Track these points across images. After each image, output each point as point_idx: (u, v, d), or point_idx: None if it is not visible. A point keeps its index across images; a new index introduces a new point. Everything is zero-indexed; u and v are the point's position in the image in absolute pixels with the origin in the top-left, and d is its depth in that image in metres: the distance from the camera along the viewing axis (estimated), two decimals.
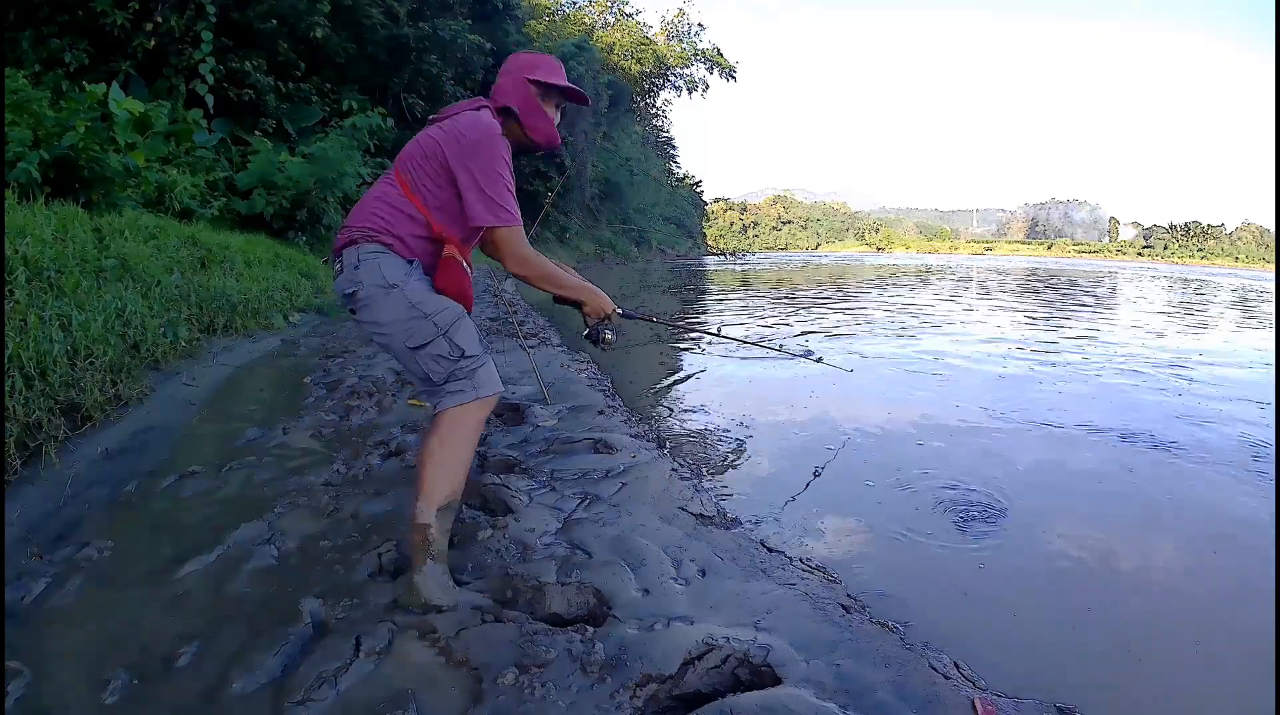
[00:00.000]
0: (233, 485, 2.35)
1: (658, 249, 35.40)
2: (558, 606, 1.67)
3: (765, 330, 7.68)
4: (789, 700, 1.33)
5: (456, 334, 1.66)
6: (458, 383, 1.66)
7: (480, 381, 1.67)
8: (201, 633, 1.51)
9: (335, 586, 1.70)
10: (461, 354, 1.65)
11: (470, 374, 1.66)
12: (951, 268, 33.17)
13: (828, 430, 3.66)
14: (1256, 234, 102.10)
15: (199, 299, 4.62)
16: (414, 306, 1.64)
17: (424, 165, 1.67)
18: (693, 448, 3.29)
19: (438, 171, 1.66)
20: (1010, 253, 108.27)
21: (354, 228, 1.69)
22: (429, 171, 1.67)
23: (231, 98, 10.45)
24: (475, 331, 1.72)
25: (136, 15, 9.16)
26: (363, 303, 1.66)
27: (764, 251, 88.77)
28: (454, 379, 1.66)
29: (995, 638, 1.82)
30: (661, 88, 40.47)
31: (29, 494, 2.18)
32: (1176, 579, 2.20)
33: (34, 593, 1.66)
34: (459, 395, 1.65)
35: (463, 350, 1.65)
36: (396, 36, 13.22)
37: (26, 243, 3.73)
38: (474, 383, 1.66)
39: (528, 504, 2.23)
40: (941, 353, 6.23)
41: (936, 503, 2.67)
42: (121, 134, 6.94)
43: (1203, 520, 2.64)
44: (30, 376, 2.59)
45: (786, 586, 1.81)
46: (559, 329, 6.96)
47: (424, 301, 1.65)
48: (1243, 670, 1.72)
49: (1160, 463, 3.26)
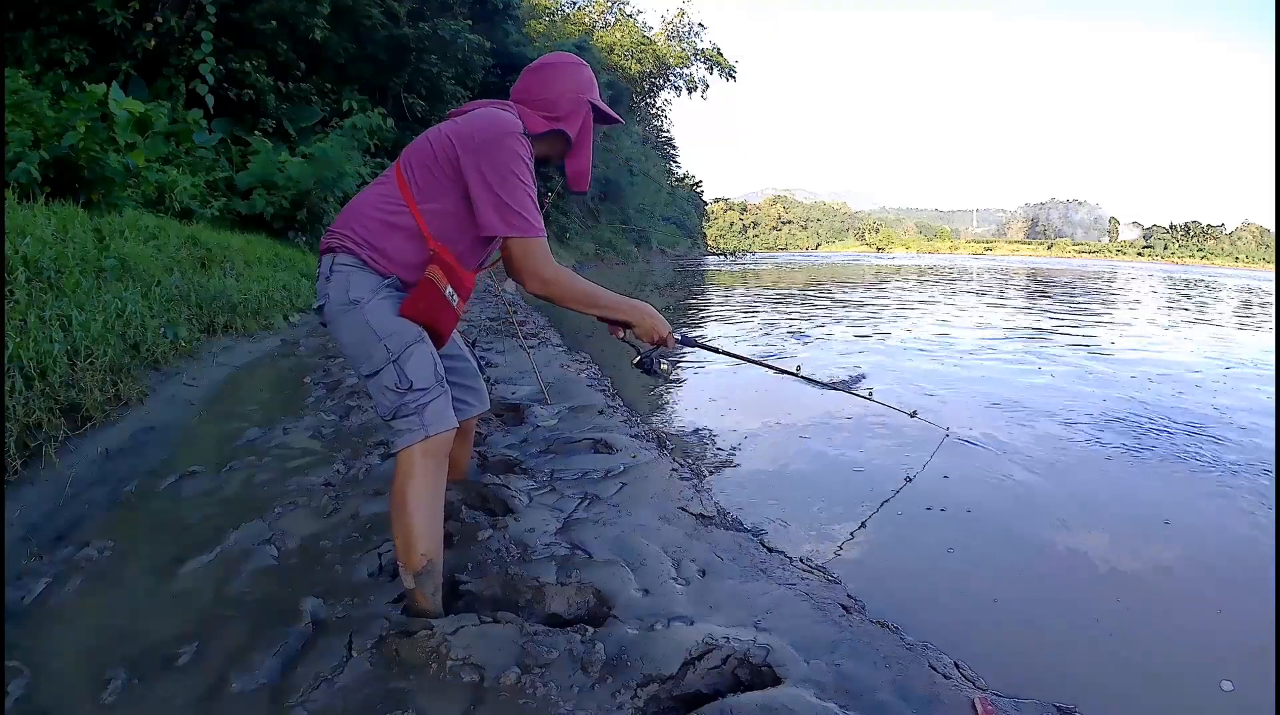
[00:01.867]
0: (233, 485, 2.34)
1: (658, 249, 35.41)
2: (558, 606, 1.67)
3: (816, 355, 7.05)
4: (789, 700, 1.33)
5: (408, 362, 1.47)
6: (405, 420, 1.47)
7: (429, 419, 1.47)
8: (201, 632, 1.50)
9: (335, 586, 1.70)
10: (409, 387, 1.46)
11: (419, 410, 1.47)
12: (965, 268, 33.09)
13: (828, 430, 3.65)
14: (1256, 234, 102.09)
15: (199, 299, 4.62)
16: (370, 327, 1.47)
17: (432, 167, 1.50)
18: (693, 448, 3.29)
19: (446, 174, 1.49)
20: (1010, 253, 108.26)
21: (335, 233, 1.54)
22: (437, 173, 1.49)
23: (231, 98, 10.45)
24: (434, 361, 1.52)
25: (136, 15, 9.16)
26: (328, 318, 1.53)
27: (764, 251, 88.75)
28: (401, 415, 1.48)
29: (995, 637, 1.82)
30: (661, 88, 40.48)
31: (29, 494, 2.18)
32: (1177, 578, 2.20)
33: (34, 593, 1.66)
34: (408, 435, 1.47)
35: (411, 382, 1.46)
36: (396, 36, 13.23)
37: (26, 243, 3.72)
38: (423, 420, 1.46)
39: (528, 504, 2.23)
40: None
41: (937, 502, 2.67)
42: (121, 134, 6.93)
43: (1212, 525, 2.64)
44: (30, 376, 2.59)
45: (786, 586, 1.81)
46: (559, 329, 6.96)
47: (381, 323, 1.48)
48: (1243, 670, 1.72)
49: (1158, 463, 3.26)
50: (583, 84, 1.61)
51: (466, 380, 1.88)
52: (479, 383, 1.92)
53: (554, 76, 1.60)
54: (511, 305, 7.91)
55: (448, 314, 1.54)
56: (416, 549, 1.48)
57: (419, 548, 1.48)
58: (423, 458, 1.47)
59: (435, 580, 1.51)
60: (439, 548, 1.52)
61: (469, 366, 1.90)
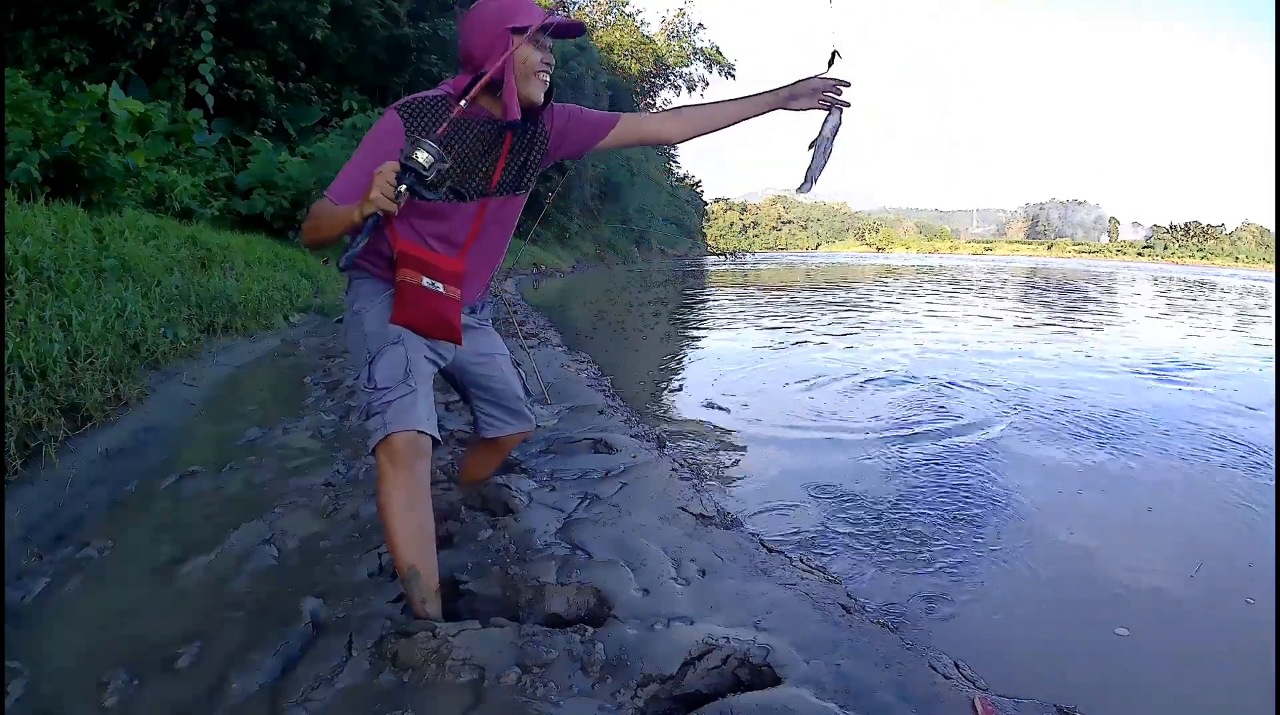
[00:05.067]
0: (233, 485, 2.34)
1: (658, 249, 35.40)
2: (558, 606, 1.67)
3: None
4: (789, 700, 1.33)
5: (377, 363, 1.48)
6: (371, 420, 1.46)
7: (390, 418, 1.43)
8: (201, 633, 1.50)
9: (335, 586, 1.70)
10: (374, 386, 1.46)
11: (383, 408, 1.44)
12: (965, 268, 33.12)
13: (828, 430, 3.66)
14: (1257, 234, 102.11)
15: (199, 299, 4.62)
16: (363, 333, 1.53)
17: None
18: (693, 448, 3.29)
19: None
20: (1010, 253, 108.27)
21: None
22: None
23: (231, 98, 10.44)
24: (404, 362, 1.49)
25: (136, 15, 9.15)
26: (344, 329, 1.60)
27: (764, 251, 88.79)
28: (369, 414, 1.46)
29: (995, 637, 1.82)
30: (661, 87, 40.43)
31: (29, 494, 2.18)
32: (1177, 579, 2.20)
33: (34, 593, 1.66)
34: (374, 434, 1.44)
35: (375, 382, 1.46)
36: (396, 36, 13.22)
37: (26, 243, 3.73)
38: (384, 419, 1.43)
39: (528, 504, 2.23)
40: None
41: (938, 503, 2.67)
42: (121, 134, 6.93)
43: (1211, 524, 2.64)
44: (30, 376, 2.59)
45: (786, 586, 1.81)
46: (559, 329, 6.96)
47: (370, 328, 1.52)
48: (1243, 670, 1.72)
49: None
50: (503, 14, 1.49)
51: (503, 401, 1.84)
52: (518, 404, 1.86)
53: (469, 27, 1.53)
54: (511, 305, 7.91)
55: (437, 303, 1.51)
56: (397, 554, 1.45)
57: (398, 553, 1.45)
58: (386, 458, 1.43)
59: (423, 589, 1.47)
60: (423, 556, 1.47)
61: (507, 389, 1.83)
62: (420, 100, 1.51)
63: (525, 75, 1.51)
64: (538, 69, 1.52)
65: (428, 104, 1.50)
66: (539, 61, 1.52)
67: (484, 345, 1.77)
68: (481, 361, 1.77)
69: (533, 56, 1.51)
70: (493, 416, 1.85)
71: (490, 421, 1.85)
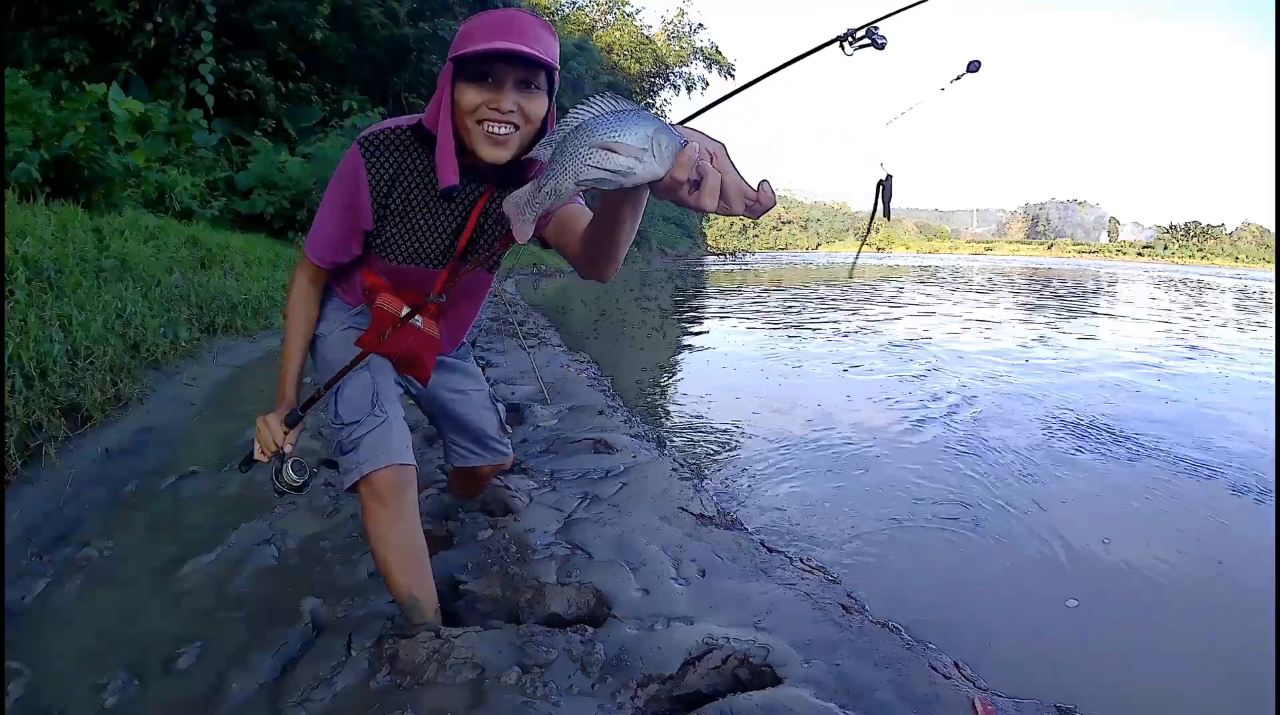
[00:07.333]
0: (233, 485, 2.34)
1: (658, 249, 35.36)
2: (558, 606, 1.67)
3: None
4: (789, 700, 1.33)
5: (340, 393, 1.36)
6: (344, 457, 1.35)
7: (364, 456, 1.32)
8: (201, 633, 1.50)
9: (335, 586, 1.70)
10: (341, 422, 1.35)
11: (354, 446, 1.33)
12: (964, 268, 33.11)
13: (829, 429, 3.65)
14: (1257, 234, 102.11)
15: (199, 299, 4.62)
16: (326, 360, 1.44)
17: None
18: (693, 448, 3.29)
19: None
20: (1010, 253, 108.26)
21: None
22: None
23: (231, 98, 10.44)
24: (370, 389, 1.38)
25: (136, 15, 9.15)
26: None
27: (764, 252, 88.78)
28: (341, 452, 1.35)
29: (995, 637, 1.82)
30: (661, 87, 40.43)
31: (29, 494, 2.18)
32: (1178, 579, 2.20)
33: (34, 593, 1.66)
34: (349, 474, 1.33)
35: (341, 417, 1.35)
36: (396, 36, 13.22)
37: (26, 243, 3.72)
38: (358, 458, 1.32)
39: (528, 504, 2.23)
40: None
41: (939, 502, 2.67)
42: (121, 134, 6.94)
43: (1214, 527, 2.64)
44: (30, 376, 2.59)
45: (786, 586, 1.81)
46: (559, 329, 6.96)
47: (333, 355, 1.43)
48: (1243, 670, 1.72)
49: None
50: (460, 38, 1.18)
51: (473, 435, 1.74)
52: (490, 440, 1.76)
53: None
54: (511, 305, 7.91)
55: (412, 336, 1.38)
56: (395, 585, 1.39)
57: (397, 585, 1.38)
58: (369, 499, 1.33)
59: (423, 613, 1.40)
60: (421, 582, 1.40)
61: (478, 426, 1.73)
62: (384, 133, 1.29)
63: (466, 125, 1.18)
64: (482, 117, 1.16)
65: (392, 139, 1.29)
66: (482, 107, 1.15)
67: (457, 382, 1.67)
68: (454, 397, 1.67)
69: (471, 99, 1.15)
70: (460, 447, 1.75)
71: (458, 452, 1.76)
